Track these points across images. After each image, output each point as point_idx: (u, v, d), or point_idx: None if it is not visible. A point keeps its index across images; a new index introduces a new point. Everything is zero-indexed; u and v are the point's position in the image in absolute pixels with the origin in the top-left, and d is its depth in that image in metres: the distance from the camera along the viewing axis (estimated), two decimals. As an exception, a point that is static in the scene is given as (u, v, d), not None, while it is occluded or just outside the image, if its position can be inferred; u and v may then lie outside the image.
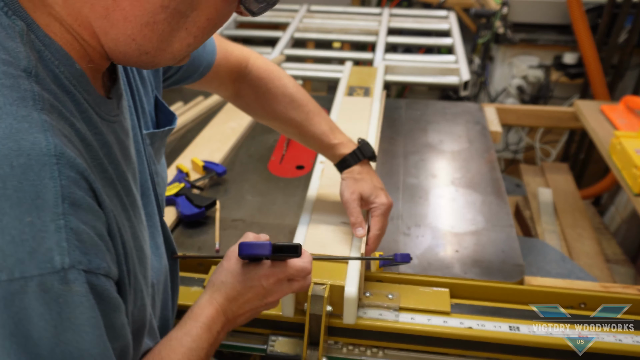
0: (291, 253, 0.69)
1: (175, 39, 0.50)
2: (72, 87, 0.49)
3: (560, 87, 2.61)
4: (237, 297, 0.71)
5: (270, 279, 0.71)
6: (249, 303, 0.72)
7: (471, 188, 1.27)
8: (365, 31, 2.07)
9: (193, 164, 1.30)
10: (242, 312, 0.72)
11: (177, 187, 1.17)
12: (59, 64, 0.48)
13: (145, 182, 0.68)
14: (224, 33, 2.04)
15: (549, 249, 1.46)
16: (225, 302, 0.70)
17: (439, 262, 1.04)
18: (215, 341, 0.68)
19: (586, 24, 2.17)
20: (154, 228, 0.71)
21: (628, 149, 1.32)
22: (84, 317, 0.43)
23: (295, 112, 0.97)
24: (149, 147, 0.70)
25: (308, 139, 1.00)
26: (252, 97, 0.98)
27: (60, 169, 0.43)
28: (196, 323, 0.67)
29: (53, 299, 0.41)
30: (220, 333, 0.69)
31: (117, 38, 0.48)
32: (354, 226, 0.95)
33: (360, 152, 0.98)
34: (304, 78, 1.76)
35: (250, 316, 0.74)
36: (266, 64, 0.99)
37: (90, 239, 0.44)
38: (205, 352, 0.65)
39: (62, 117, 0.47)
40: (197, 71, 0.86)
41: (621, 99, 1.65)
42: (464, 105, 1.71)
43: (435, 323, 0.93)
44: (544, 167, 2.03)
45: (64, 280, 0.42)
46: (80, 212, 0.44)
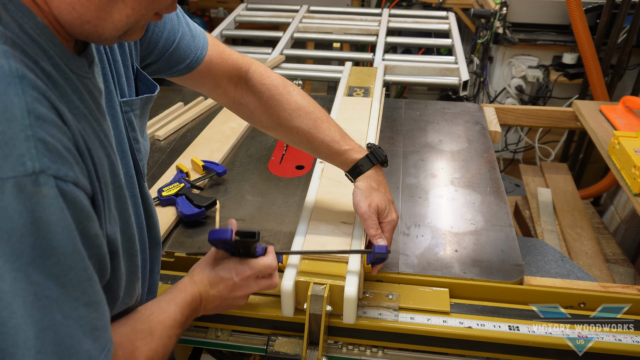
0: (251, 239, 0.77)
1: (113, 10, 0.52)
2: (37, 36, 0.51)
3: (560, 87, 2.61)
4: (212, 284, 0.80)
5: (240, 275, 0.80)
6: (219, 292, 0.80)
7: (470, 188, 1.27)
8: (365, 31, 2.07)
9: (193, 164, 1.30)
10: (212, 299, 0.80)
11: (177, 187, 1.17)
12: (22, 15, 0.50)
13: (121, 146, 0.70)
14: (224, 33, 2.04)
15: (548, 249, 1.46)
16: (205, 286, 0.79)
17: (438, 262, 1.05)
18: (187, 321, 0.76)
19: (585, 24, 2.17)
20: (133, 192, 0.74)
21: (627, 149, 1.32)
22: (55, 218, 0.47)
23: (302, 120, 0.95)
24: (128, 114, 0.72)
25: (317, 146, 0.97)
26: (256, 104, 0.96)
27: (24, 87, 0.46)
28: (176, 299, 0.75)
29: (27, 198, 0.45)
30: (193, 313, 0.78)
31: (60, 6, 0.51)
32: (373, 238, 0.93)
33: (373, 156, 0.95)
34: (304, 78, 1.76)
35: (217, 306, 0.82)
36: (268, 71, 0.97)
37: (56, 150, 0.48)
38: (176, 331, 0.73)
39: (26, 55, 0.49)
40: (183, 62, 0.85)
41: (620, 99, 1.65)
42: (463, 105, 1.71)
43: (434, 323, 0.93)
44: (543, 167, 2.04)
45: (35, 183, 0.45)
46: (46, 126, 0.47)
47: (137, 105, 0.74)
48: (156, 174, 1.30)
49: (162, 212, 1.14)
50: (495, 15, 2.52)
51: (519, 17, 2.59)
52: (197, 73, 0.89)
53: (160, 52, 0.82)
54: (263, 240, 1.10)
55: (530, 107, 1.75)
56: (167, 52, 0.82)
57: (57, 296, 0.47)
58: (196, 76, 0.89)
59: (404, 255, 1.06)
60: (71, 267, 0.49)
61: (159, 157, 1.40)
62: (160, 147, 1.45)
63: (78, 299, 0.50)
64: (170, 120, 1.54)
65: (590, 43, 2.18)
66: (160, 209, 1.15)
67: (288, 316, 0.93)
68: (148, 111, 0.79)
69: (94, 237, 0.53)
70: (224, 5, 4.05)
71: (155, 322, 0.70)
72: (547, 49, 2.61)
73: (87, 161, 0.53)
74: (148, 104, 0.77)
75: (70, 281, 0.49)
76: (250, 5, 2.34)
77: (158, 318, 0.71)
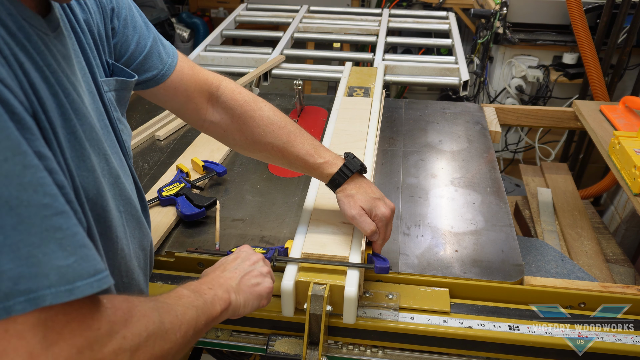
0: None
1: None
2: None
3: (560, 87, 2.61)
4: (214, 271, 0.81)
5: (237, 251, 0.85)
6: (231, 266, 0.81)
7: (471, 188, 1.27)
8: (365, 31, 2.07)
9: (193, 164, 1.30)
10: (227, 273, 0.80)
11: (177, 187, 1.17)
12: None
13: (103, 121, 0.71)
14: (224, 33, 2.04)
15: (548, 249, 1.46)
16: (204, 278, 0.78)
17: (438, 262, 1.05)
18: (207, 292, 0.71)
19: (585, 24, 2.17)
20: None
21: (627, 149, 1.32)
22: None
23: (275, 135, 0.94)
24: (107, 94, 0.72)
25: (292, 161, 0.96)
26: (228, 121, 0.95)
27: None
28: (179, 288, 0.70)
29: None
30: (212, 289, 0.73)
31: None
32: (372, 236, 0.93)
33: (347, 169, 0.94)
34: (304, 78, 1.76)
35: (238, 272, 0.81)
36: (239, 87, 0.97)
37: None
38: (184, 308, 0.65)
39: None
40: (156, 69, 0.85)
41: (620, 99, 1.65)
42: (463, 105, 1.71)
43: (434, 323, 0.93)
44: (543, 167, 2.04)
45: None
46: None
47: (113, 86, 0.74)
48: (156, 174, 1.30)
49: (162, 212, 1.14)
50: (495, 15, 2.52)
51: (519, 17, 2.60)
52: (170, 84, 0.88)
53: (133, 56, 0.82)
54: (263, 241, 1.10)
55: (530, 107, 1.75)
56: (141, 56, 0.83)
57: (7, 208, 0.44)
58: (169, 87, 0.89)
59: (404, 255, 1.06)
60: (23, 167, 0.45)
61: (159, 157, 1.40)
62: (160, 147, 1.45)
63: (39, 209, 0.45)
64: (170, 120, 1.54)
65: (591, 43, 2.18)
66: (160, 209, 1.15)
67: (288, 316, 0.93)
68: (125, 101, 0.80)
69: (38, 155, 0.48)
70: (224, 5, 4.05)
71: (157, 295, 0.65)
72: (547, 49, 2.61)
73: (20, 76, 0.49)
74: (125, 90, 0.77)
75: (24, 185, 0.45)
76: (250, 5, 2.34)
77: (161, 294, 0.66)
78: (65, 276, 0.46)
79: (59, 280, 0.45)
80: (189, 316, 0.63)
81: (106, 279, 0.49)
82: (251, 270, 0.82)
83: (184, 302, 0.65)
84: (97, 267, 0.49)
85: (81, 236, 0.49)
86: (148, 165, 1.36)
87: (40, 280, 0.44)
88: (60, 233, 0.47)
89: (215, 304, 0.70)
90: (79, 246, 0.48)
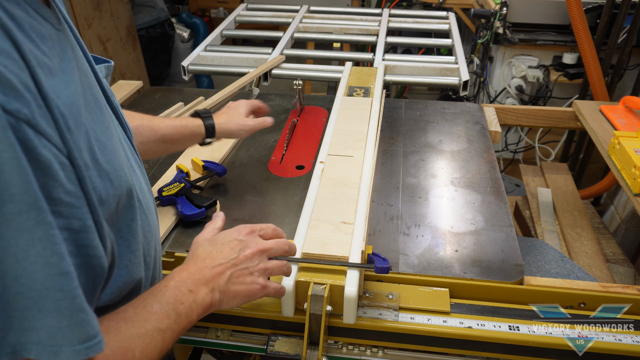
0: None
1: None
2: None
3: (560, 87, 2.61)
4: (209, 256, 0.75)
5: (243, 231, 0.80)
6: (225, 257, 0.75)
7: (471, 188, 1.27)
8: (365, 31, 2.07)
9: (193, 164, 1.30)
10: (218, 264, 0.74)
11: (177, 187, 1.17)
12: None
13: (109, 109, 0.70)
14: (224, 33, 2.04)
15: (548, 249, 1.46)
16: (195, 265, 0.73)
17: (438, 262, 1.05)
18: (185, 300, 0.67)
19: (585, 24, 2.17)
20: None
21: (627, 149, 1.32)
22: (6, 157, 0.42)
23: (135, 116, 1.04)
24: (103, 80, 0.72)
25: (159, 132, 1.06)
26: None
27: None
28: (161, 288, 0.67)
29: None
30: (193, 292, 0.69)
31: None
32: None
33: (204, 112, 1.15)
34: (304, 78, 1.76)
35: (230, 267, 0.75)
36: None
37: (8, 82, 0.43)
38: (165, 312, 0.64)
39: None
40: None
41: (620, 99, 1.65)
42: (463, 105, 1.71)
43: (434, 323, 0.93)
44: (543, 167, 2.04)
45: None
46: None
47: (104, 72, 0.74)
48: (156, 174, 1.30)
49: (162, 212, 1.14)
50: (495, 15, 2.52)
51: (519, 17, 2.60)
52: None
53: None
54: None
55: (530, 107, 1.75)
56: None
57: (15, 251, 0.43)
58: None
59: (404, 255, 1.06)
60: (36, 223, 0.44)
61: (159, 157, 1.40)
62: (161, 147, 1.45)
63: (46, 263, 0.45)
64: (170, 120, 1.54)
65: (591, 43, 2.18)
66: (160, 209, 1.15)
67: (288, 316, 0.93)
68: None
69: (59, 202, 0.47)
70: (224, 5, 4.05)
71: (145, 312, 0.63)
72: (547, 49, 2.61)
73: (54, 108, 0.48)
74: (109, 77, 0.77)
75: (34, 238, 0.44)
76: (250, 5, 2.34)
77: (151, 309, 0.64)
78: (54, 338, 0.46)
79: (47, 339, 0.45)
80: (154, 344, 0.61)
81: (97, 346, 0.49)
82: (246, 266, 0.76)
83: (149, 327, 0.62)
84: (90, 333, 0.48)
85: (80, 300, 0.48)
86: (148, 165, 1.36)
87: (30, 334, 0.44)
88: (60, 294, 0.46)
89: (192, 313, 0.68)
90: (76, 310, 0.48)
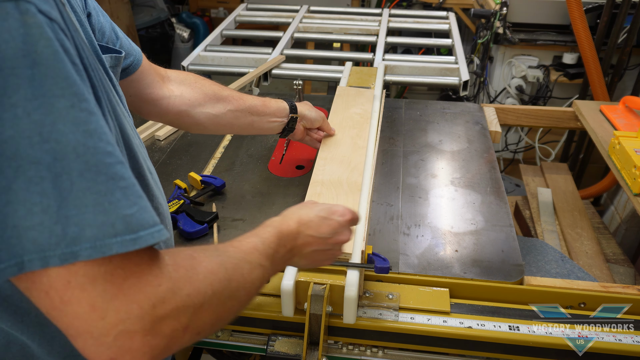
0: None
1: None
2: None
3: (560, 87, 2.61)
4: (309, 223, 0.74)
5: (346, 216, 0.78)
6: (321, 233, 0.74)
7: (471, 188, 1.27)
8: (365, 31, 2.07)
9: (190, 179, 1.25)
10: (312, 241, 0.74)
11: (176, 205, 1.14)
12: None
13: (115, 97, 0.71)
14: (224, 33, 2.04)
15: (548, 249, 1.46)
16: (297, 225, 0.72)
17: (438, 262, 1.05)
18: (274, 255, 0.66)
19: (585, 24, 2.17)
20: None
21: (627, 149, 1.32)
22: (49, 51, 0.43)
23: (228, 88, 1.08)
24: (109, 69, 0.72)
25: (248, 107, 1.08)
26: (189, 90, 1.02)
27: None
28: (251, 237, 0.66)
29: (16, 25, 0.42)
30: (283, 250, 0.69)
31: None
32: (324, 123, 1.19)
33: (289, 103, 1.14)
34: (304, 78, 1.76)
35: (313, 253, 0.75)
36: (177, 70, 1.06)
37: None
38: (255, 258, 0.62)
39: None
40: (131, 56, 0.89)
41: (620, 99, 1.65)
42: (463, 105, 1.71)
43: (435, 323, 0.93)
44: (543, 167, 2.04)
45: (18, 9, 0.42)
46: None
47: (109, 62, 0.74)
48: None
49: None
50: (495, 15, 2.52)
51: (519, 17, 2.59)
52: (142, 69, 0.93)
53: (111, 40, 0.83)
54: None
55: (530, 107, 1.75)
56: (118, 41, 0.85)
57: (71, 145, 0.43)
58: (141, 73, 0.93)
59: (404, 255, 1.06)
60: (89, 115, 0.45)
61: (159, 157, 1.40)
62: (161, 147, 1.45)
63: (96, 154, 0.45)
64: (170, 120, 1.54)
65: (591, 43, 2.18)
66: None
67: (288, 316, 0.93)
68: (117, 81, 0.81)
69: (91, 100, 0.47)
70: (224, 5, 4.05)
71: (225, 245, 0.61)
72: (547, 49, 2.61)
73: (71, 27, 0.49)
74: (118, 67, 0.78)
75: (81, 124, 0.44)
76: (250, 5, 2.34)
77: (230, 243, 0.63)
78: (130, 225, 0.45)
79: (124, 229, 0.44)
80: (255, 275, 0.60)
81: (163, 231, 0.48)
82: (330, 249, 0.78)
83: (252, 259, 0.61)
84: (155, 218, 0.48)
85: (138, 187, 0.48)
86: (148, 165, 1.36)
87: (107, 228, 0.44)
88: (124, 182, 0.46)
89: (279, 265, 0.69)
90: (138, 197, 0.47)
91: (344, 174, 1.08)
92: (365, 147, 1.17)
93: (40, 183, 0.42)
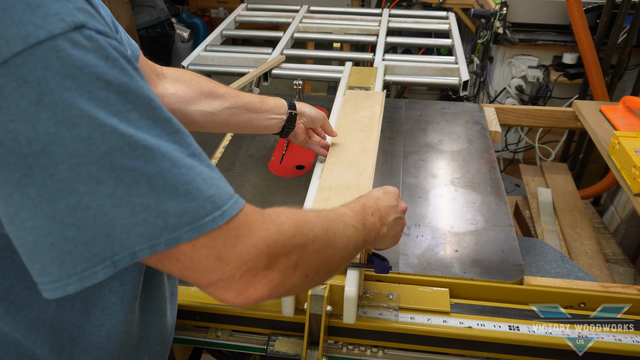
0: None
1: None
2: None
3: (560, 87, 2.61)
4: (381, 197, 0.84)
5: (394, 189, 0.89)
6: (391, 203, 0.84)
7: (471, 188, 1.27)
8: (365, 31, 2.07)
9: None
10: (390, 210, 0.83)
11: None
12: None
13: None
14: (224, 33, 2.04)
15: (548, 249, 1.46)
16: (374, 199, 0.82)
17: (438, 262, 1.05)
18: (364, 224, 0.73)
19: (585, 24, 2.17)
20: None
21: (627, 149, 1.32)
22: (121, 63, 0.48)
23: (224, 86, 1.07)
24: None
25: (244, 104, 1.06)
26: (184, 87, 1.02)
27: None
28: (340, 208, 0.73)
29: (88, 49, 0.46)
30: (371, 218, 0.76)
31: None
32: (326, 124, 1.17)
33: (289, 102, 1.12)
34: (304, 78, 1.76)
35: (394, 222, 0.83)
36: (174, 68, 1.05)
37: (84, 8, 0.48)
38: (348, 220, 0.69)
39: None
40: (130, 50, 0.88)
41: (620, 99, 1.65)
42: (463, 105, 1.71)
43: (435, 323, 0.93)
44: (543, 167, 2.04)
45: (84, 36, 0.46)
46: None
47: None
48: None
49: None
50: (495, 15, 2.52)
51: (519, 17, 2.59)
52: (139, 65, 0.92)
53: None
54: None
55: (530, 107, 1.75)
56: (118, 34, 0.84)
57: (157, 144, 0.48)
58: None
59: (404, 255, 1.06)
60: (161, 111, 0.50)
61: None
62: (161, 147, 1.45)
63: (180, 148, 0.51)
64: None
65: (590, 43, 2.18)
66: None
67: (288, 316, 0.93)
68: None
69: None
70: (224, 5, 4.05)
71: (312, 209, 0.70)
72: (547, 49, 2.61)
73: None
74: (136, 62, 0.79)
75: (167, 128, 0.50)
76: (250, 5, 2.34)
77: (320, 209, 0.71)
78: (215, 203, 0.52)
79: (212, 208, 0.51)
80: (349, 233, 0.68)
81: (240, 199, 0.55)
82: (400, 217, 0.86)
83: (345, 220, 0.69)
84: (230, 191, 0.55)
85: (209, 163, 0.55)
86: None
87: (200, 211, 0.50)
88: (198, 169, 0.52)
89: (372, 231, 0.76)
90: (211, 177, 0.54)
91: (352, 178, 1.06)
92: (373, 150, 1.15)
93: (137, 187, 0.48)
